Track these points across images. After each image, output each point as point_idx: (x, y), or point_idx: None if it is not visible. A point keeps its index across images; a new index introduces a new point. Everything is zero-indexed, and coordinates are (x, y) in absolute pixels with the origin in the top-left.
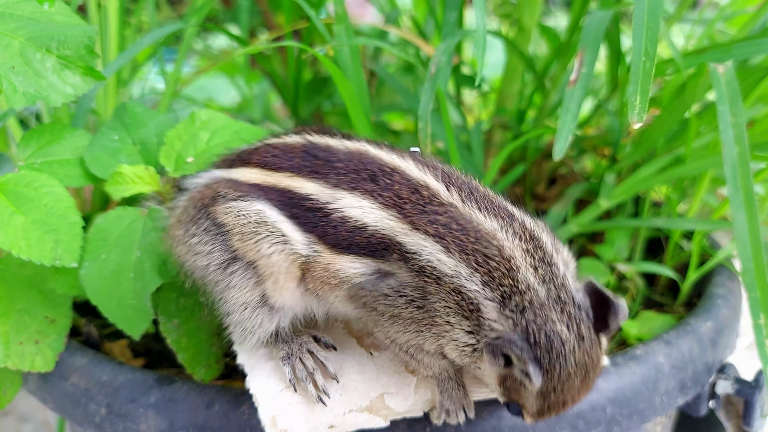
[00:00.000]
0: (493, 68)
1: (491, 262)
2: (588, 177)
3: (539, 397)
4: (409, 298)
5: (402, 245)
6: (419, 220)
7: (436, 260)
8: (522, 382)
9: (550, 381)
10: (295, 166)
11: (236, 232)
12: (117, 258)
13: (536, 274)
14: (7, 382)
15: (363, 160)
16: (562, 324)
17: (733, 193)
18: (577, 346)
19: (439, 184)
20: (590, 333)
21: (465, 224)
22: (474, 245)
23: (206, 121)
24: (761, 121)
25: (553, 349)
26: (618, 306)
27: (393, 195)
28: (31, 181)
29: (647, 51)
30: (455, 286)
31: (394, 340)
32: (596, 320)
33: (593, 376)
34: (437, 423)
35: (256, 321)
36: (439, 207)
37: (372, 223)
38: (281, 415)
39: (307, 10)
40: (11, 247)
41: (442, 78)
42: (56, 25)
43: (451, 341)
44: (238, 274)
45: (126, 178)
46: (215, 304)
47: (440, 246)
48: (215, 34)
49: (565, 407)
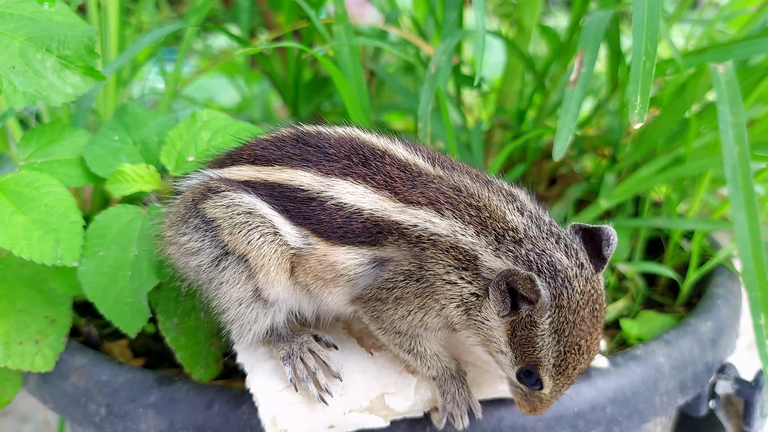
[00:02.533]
0: (493, 68)
1: (482, 212)
2: (588, 177)
3: (554, 336)
4: (409, 273)
5: (399, 223)
6: (410, 195)
7: (431, 224)
8: (533, 321)
9: (560, 309)
10: (285, 155)
11: (226, 226)
12: (115, 255)
13: (523, 216)
14: (7, 382)
15: (354, 144)
16: (560, 252)
17: (733, 193)
18: (579, 272)
19: (426, 162)
20: (588, 262)
21: (454, 186)
22: (465, 200)
23: (207, 121)
24: (761, 121)
25: (557, 274)
26: (606, 231)
27: (385, 176)
28: (32, 181)
29: (647, 51)
30: (451, 243)
31: (397, 332)
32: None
33: (600, 309)
34: (439, 428)
35: (252, 316)
36: (427, 179)
37: (367, 207)
38: (281, 414)
39: (307, 10)
40: (12, 246)
41: (442, 78)
42: (56, 25)
43: (454, 300)
44: (230, 269)
45: (127, 176)
46: (210, 305)
47: (433, 210)
48: (215, 34)
49: (580, 355)
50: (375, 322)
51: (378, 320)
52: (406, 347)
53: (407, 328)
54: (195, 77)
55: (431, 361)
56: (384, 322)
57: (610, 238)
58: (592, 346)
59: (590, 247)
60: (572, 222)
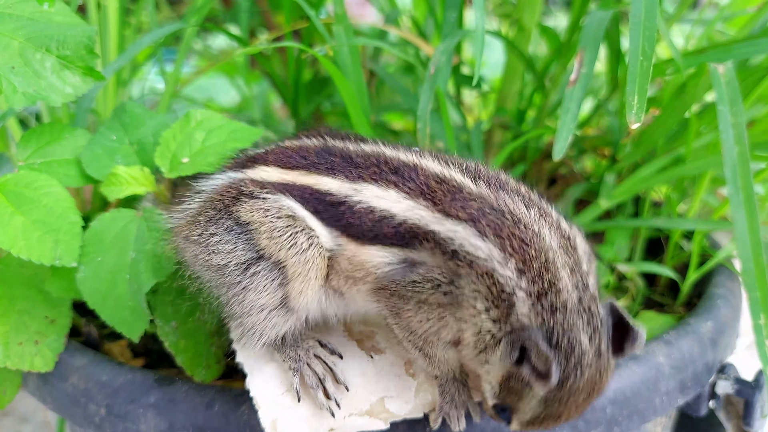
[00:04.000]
0: (493, 68)
1: (529, 249)
2: (588, 177)
3: (541, 403)
4: (437, 283)
5: (435, 233)
6: (450, 207)
7: (470, 244)
8: (528, 384)
9: (560, 389)
10: (310, 164)
11: (264, 230)
12: (113, 260)
13: (571, 277)
14: (6, 382)
15: (380, 158)
16: (586, 335)
17: (733, 193)
18: (594, 361)
19: (465, 177)
20: (608, 352)
21: (499, 209)
22: (510, 229)
23: (201, 121)
24: (761, 121)
25: (573, 357)
26: (637, 334)
27: (420, 185)
28: (31, 182)
29: (644, 51)
30: (488, 269)
31: (412, 331)
32: (612, 342)
33: (594, 396)
34: (434, 427)
35: (270, 323)
36: (469, 195)
37: (401, 213)
38: (282, 418)
39: (306, 10)
40: (11, 247)
41: (442, 78)
42: (56, 25)
43: (473, 326)
44: (261, 275)
45: (121, 179)
46: (222, 306)
47: (474, 229)
48: (215, 34)
49: (558, 422)
50: (394, 317)
51: (397, 316)
52: (418, 345)
53: (423, 332)
54: (195, 77)
55: (439, 363)
56: (402, 319)
57: (636, 340)
58: (572, 418)
59: (616, 335)
60: (610, 300)
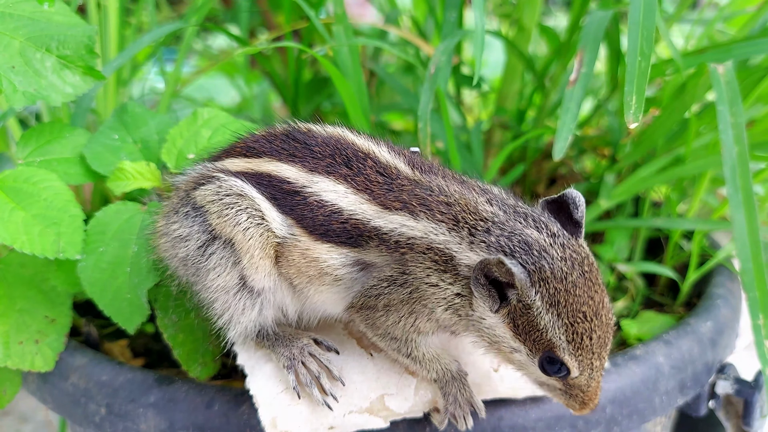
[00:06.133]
0: (493, 68)
1: (453, 207)
2: (588, 177)
3: (551, 309)
4: (392, 278)
5: (377, 229)
6: (386, 200)
7: (407, 228)
8: (526, 304)
9: (547, 282)
10: (275, 149)
11: (214, 210)
12: (114, 251)
13: (491, 205)
14: (7, 382)
15: (339, 145)
16: (529, 228)
17: (733, 193)
18: (553, 241)
19: (406, 166)
20: (561, 230)
21: (427, 187)
22: (437, 199)
23: (208, 119)
24: (761, 121)
25: (531, 249)
26: (570, 195)
27: (364, 179)
28: (30, 177)
29: (642, 50)
30: (427, 244)
31: (393, 338)
32: (564, 225)
33: (591, 271)
34: (440, 429)
35: (239, 305)
36: (403, 183)
37: (347, 207)
38: (281, 416)
39: (306, 10)
40: (13, 242)
41: (442, 78)
42: (56, 24)
43: (441, 303)
44: (217, 255)
45: (127, 173)
46: (201, 301)
47: (407, 214)
48: (215, 34)
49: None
50: (371, 329)
51: (373, 327)
52: (404, 352)
53: (402, 334)
54: (195, 77)
55: (431, 363)
56: (379, 328)
57: (575, 201)
58: (600, 310)
59: (562, 216)
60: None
